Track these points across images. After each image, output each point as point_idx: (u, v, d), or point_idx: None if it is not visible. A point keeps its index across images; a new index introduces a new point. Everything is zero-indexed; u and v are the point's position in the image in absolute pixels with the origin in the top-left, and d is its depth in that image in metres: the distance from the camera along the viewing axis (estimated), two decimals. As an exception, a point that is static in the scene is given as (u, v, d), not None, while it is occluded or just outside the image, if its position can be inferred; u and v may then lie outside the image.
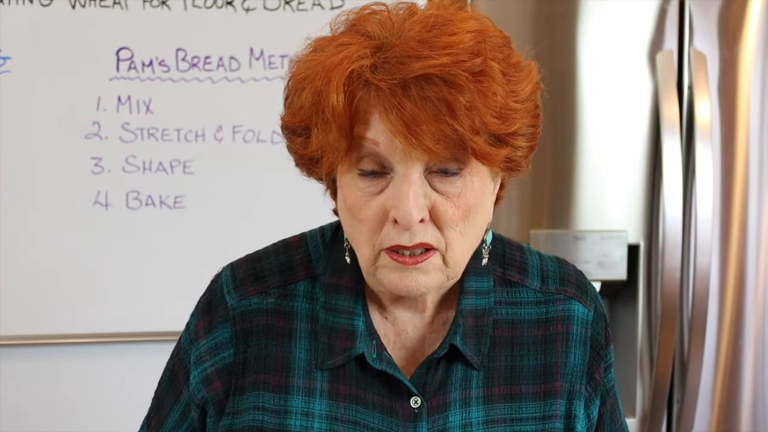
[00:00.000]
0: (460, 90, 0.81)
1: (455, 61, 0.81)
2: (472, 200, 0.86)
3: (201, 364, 0.97)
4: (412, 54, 0.81)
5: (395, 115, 0.80)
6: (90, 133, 2.08)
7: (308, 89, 0.85)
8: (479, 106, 0.81)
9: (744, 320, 2.19)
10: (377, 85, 0.81)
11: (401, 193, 0.83)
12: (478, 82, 0.82)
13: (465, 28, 0.84)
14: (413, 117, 0.80)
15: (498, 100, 0.83)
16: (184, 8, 2.08)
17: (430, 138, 0.81)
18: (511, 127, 0.84)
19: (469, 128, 0.81)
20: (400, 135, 0.81)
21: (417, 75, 0.80)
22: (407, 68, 0.80)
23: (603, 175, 2.12)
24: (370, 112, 0.83)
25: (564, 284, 1.01)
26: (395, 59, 0.81)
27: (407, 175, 0.83)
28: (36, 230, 2.07)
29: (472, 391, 0.95)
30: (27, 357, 2.10)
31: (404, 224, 0.84)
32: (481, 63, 0.82)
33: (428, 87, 0.80)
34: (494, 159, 0.85)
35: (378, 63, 0.82)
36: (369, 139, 0.83)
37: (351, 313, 0.94)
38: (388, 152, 0.83)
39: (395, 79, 0.81)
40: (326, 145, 0.85)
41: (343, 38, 0.86)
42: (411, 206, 0.83)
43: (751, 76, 2.15)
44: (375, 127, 0.83)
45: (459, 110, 0.80)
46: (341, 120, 0.83)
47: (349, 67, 0.82)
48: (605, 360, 1.02)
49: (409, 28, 0.83)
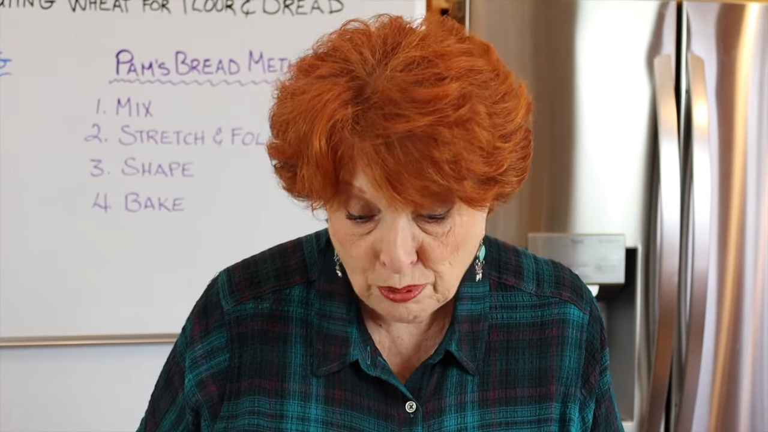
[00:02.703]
0: (445, 145, 0.79)
1: (439, 118, 0.79)
2: (461, 236, 0.86)
3: (196, 368, 0.97)
4: (394, 111, 0.79)
5: (379, 171, 0.79)
6: (89, 135, 2.08)
7: (292, 131, 0.83)
8: (465, 156, 0.80)
9: (742, 323, 2.20)
10: (359, 142, 0.80)
11: (389, 240, 0.83)
12: (464, 130, 0.80)
13: (451, 72, 0.81)
14: (396, 173, 0.79)
15: (484, 145, 0.81)
16: (184, 11, 2.09)
17: (415, 192, 0.79)
18: (500, 167, 0.83)
19: (454, 179, 0.80)
20: (384, 190, 0.80)
21: (400, 134, 0.78)
22: (391, 127, 0.78)
23: (601, 179, 2.12)
24: (354, 162, 0.81)
25: (559, 287, 1.01)
26: (377, 112, 0.79)
27: (394, 222, 0.83)
28: (35, 232, 2.07)
29: (468, 396, 0.95)
30: (25, 358, 2.10)
31: (394, 269, 0.84)
32: (467, 111, 0.80)
33: (411, 144, 0.78)
34: (483, 202, 0.84)
35: (360, 113, 0.80)
36: (355, 186, 0.82)
37: (345, 320, 0.94)
38: (374, 199, 0.82)
39: (377, 137, 0.79)
40: (312, 188, 0.84)
41: (324, 69, 0.84)
42: (400, 253, 0.82)
43: (749, 80, 2.15)
44: (360, 177, 0.82)
45: (443, 164, 0.79)
46: (326, 168, 0.82)
47: (332, 118, 0.80)
48: (600, 363, 1.02)
49: (391, 72, 0.81)
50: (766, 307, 2.21)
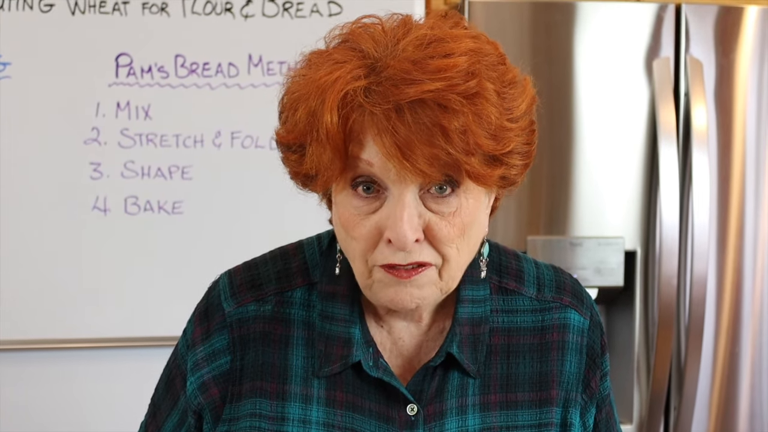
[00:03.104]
0: (454, 114, 0.80)
1: (449, 85, 0.80)
2: (467, 218, 0.87)
3: (198, 370, 0.97)
4: (405, 78, 0.81)
5: (389, 139, 0.80)
6: (89, 138, 2.08)
7: (302, 108, 0.85)
8: (473, 129, 0.81)
9: (741, 326, 2.20)
10: (371, 110, 0.81)
11: (395, 215, 0.83)
12: (472, 105, 0.81)
13: (460, 49, 0.83)
14: (407, 141, 0.80)
15: (492, 120, 0.82)
16: (183, 15, 2.09)
17: (424, 161, 0.81)
18: (506, 147, 0.84)
19: (463, 151, 0.81)
20: (394, 158, 0.81)
21: (411, 99, 0.80)
22: (401, 93, 0.80)
23: (600, 182, 2.13)
24: (364, 133, 0.83)
25: (560, 292, 1.01)
26: (389, 82, 0.81)
27: (401, 196, 0.84)
28: (35, 234, 2.07)
29: (469, 399, 0.95)
30: (24, 361, 2.10)
31: (399, 245, 0.84)
32: (475, 85, 0.82)
33: (422, 111, 0.80)
34: (489, 179, 0.85)
35: (371, 85, 0.82)
36: (363, 159, 0.83)
37: (347, 321, 0.95)
38: (382, 173, 0.84)
39: (389, 103, 0.80)
40: (321, 164, 0.85)
41: (336, 54, 0.85)
42: (405, 228, 0.83)
43: (747, 83, 2.16)
44: (369, 148, 0.83)
45: (453, 134, 0.80)
46: (336, 140, 0.83)
47: (343, 88, 0.82)
48: (601, 368, 1.02)
49: (403, 48, 0.83)
50: (765, 310, 2.21)
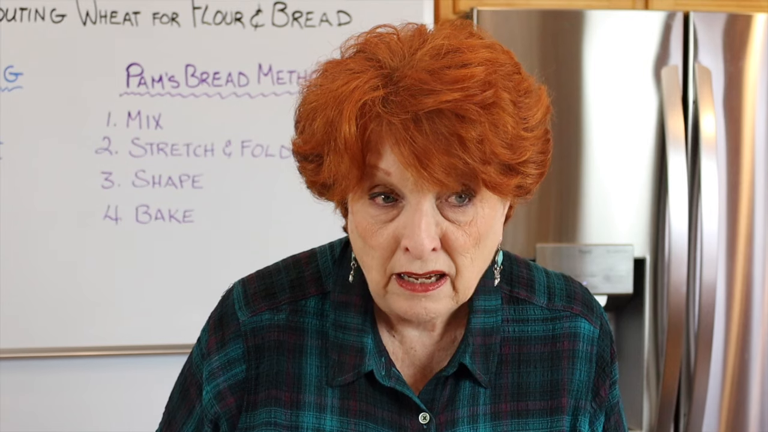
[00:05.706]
0: (471, 123, 0.81)
1: (467, 95, 0.81)
2: (483, 228, 0.87)
3: (214, 379, 0.98)
4: (423, 88, 0.81)
5: (407, 149, 0.81)
6: (100, 147, 2.10)
7: (320, 118, 0.85)
8: (490, 138, 0.82)
9: (751, 333, 2.20)
10: (389, 119, 0.82)
11: (413, 223, 0.84)
12: (489, 114, 0.82)
13: (476, 59, 0.84)
14: (424, 150, 0.81)
15: (509, 130, 0.83)
16: (194, 25, 2.11)
17: (442, 170, 0.81)
18: (522, 156, 0.85)
19: (480, 160, 0.82)
20: (412, 168, 0.81)
21: (429, 109, 0.81)
22: (419, 103, 0.81)
23: (609, 189, 2.13)
24: (382, 143, 0.83)
25: (570, 301, 1.02)
26: (406, 92, 0.82)
27: (419, 204, 0.84)
28: (47, 243, 2.08)
29: (480, 408, 0.96)
30: (37, 370, 2.11)
31: (416, 254, 0.85)
32: (492, 95, 0.82)
33: (439, 121, 0.81)
34: (505, 188, 0.86)
35: (389, 95, 0.82)
36: (381, 169, 0.84)
37: (360, 330, 0.95)
38: (399, 182, 0.84)
39: (407, 113, 0.81)
40: (338, 173, 0.85)
41: (353, 64, 0.86)
42: (423, 236, 0.84)
43: (756, 91, 2.16)
44: (387, 157, 0.83)
45: (470, 143, 0.81)
46: (353, 150, 0.83)
47: (361, 98, 0.82)
48: (610, 377, 1.02)
49: (420, 58, 0.84)
50: (774, 317, 2.20)
